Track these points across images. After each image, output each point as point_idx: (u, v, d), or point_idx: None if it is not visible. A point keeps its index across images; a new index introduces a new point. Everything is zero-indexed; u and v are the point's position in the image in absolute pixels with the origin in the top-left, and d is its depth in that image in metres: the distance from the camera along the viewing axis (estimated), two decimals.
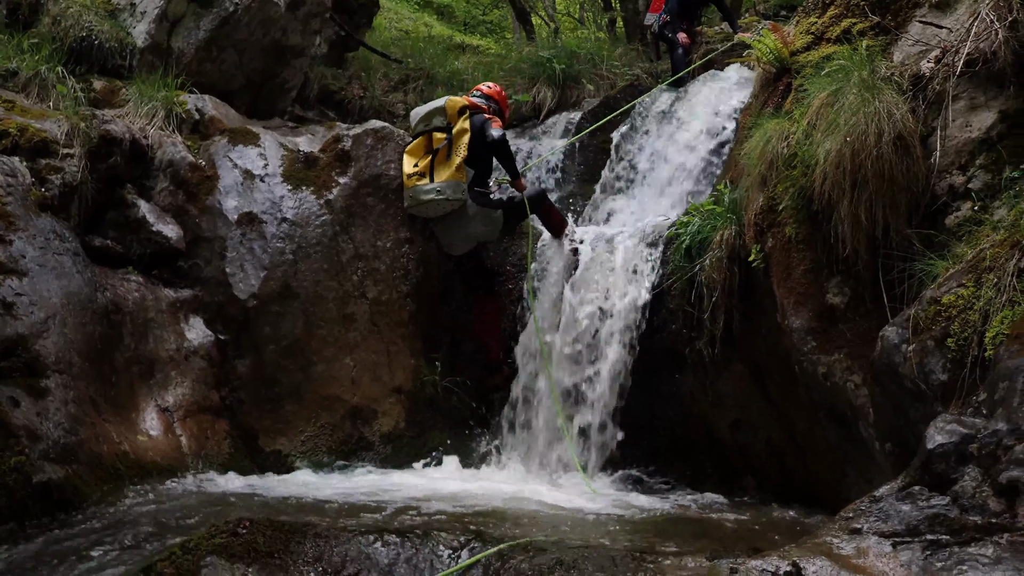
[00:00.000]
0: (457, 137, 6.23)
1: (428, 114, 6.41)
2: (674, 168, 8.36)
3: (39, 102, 6.50)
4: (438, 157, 6.21)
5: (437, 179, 6.18)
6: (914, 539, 2.69)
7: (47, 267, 5.16)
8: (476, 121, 6.32)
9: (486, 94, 6.85)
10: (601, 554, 2.91)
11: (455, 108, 6.33)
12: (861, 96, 4.23)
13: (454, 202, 6.19)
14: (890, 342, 3.59)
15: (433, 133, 6.34)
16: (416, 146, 6.43)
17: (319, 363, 6.41)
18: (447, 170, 6.16)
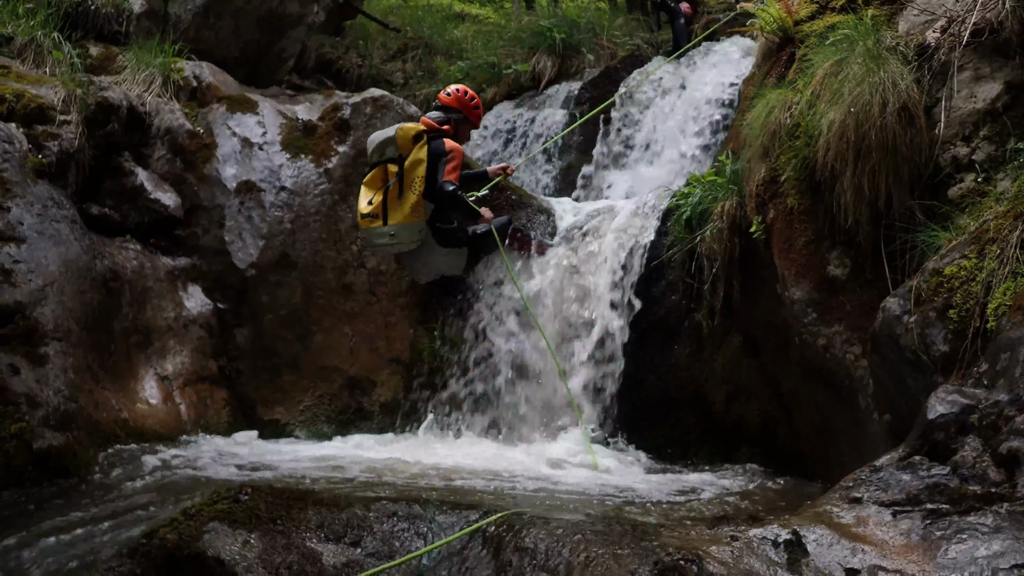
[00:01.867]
0: (410, 171, 5.56)
1: (380, 144, 5.75)
2: (673, 140, 8.34)
3: (35, 68, 6.45)
4: (390, 195, 5.56)
5: (391, 220, 5.53)
6: (914, 508, 2.70)
7: (45, 234, 5.14)
8: (435, 149, 5.65)
9: (445, 104, 6.02)
10: (602, 523, 2.92)
11: (407, 137, 5.65)
12: (866, 66, 4.19)
13: (410, 243, 5.65)
14: (891, 313, 3.58)
15: (387, 165, 5.71)
16: (373, 177, 5.76)
17: (318, 333, 6.42)
18: (400, 211, 5.52)
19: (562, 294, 6.07)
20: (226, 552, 2.80)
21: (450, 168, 5.61)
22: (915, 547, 2.59)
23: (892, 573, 2.49)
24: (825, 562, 2.57)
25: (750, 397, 5.41)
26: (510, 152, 9.34)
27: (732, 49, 8.93)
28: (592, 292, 5.96)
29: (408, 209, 5.51)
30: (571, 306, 5.99)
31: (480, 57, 10.51)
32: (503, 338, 6.13)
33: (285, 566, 2.81)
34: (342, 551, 2.90)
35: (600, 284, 5.93)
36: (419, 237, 5.64)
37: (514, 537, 2.81)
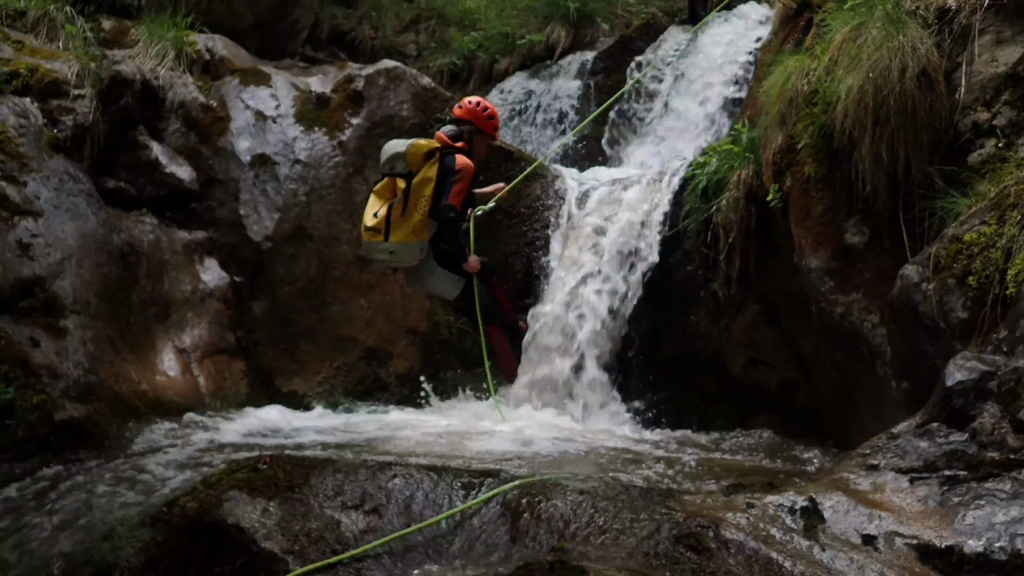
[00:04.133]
0: (417, 189, 5.39)
1: (391, 157, 5.55)
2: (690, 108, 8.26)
3: (48, 43, 6.44)
4: (394, 211, 5.39)
5: (392, 238, 5.38)
6: (931, 475, 2.70)
7: (62, 208, 5.17)
8: (446, 166, 5.47)
9: (457, 117, 5.80)
10: (618, 489, 2.93)
11: (419, 154, 5.46)
12: (885, 30, 4.13)
13: (409, 261, 5.52)
14: (909, 280, 3.56)
15: (396, 179, 5.54)
16: (383, 187, 5.61)
17: (334, 304, 6.44)
18: (403, 229, 5.37)
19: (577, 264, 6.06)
20: (246, 520, 2.84)
21: (455, 190, 5.43)
22: (932, 513, 2.59)
23: (909, 539, 2.49)
24: (841, 528, 2.58)
25: (768, 363, 5.41)
26: (524, 122, 9.28)
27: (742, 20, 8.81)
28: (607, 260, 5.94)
29: (410, 228, 5.38)
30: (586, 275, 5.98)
31: (494, 27, 10.41)
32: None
33: (304, 533, 2.84)
34: (360, 518, 2.93)
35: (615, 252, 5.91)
36: (419, 256, 5.50)
37: (530, 504, 2.83)
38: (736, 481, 3.18)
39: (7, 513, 3.72)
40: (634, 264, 5.88)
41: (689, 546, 2.41)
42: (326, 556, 2.76)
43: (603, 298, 5.87)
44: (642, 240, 5.90)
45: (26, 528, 3.49)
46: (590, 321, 5.86)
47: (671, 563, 2.35)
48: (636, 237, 5.93)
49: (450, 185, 5.41)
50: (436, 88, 7.16)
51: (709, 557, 2.36)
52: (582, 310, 5.90)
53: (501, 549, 2.71)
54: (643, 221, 5.96)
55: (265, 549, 2.75)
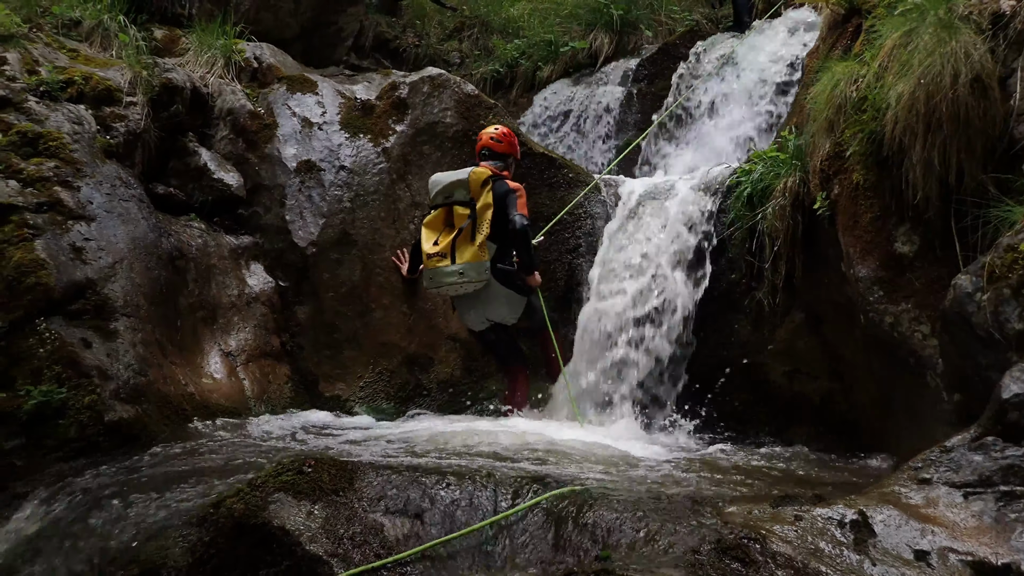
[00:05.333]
0: (481, 213, 5.57)
1: (449, 186, 5.70)
2: (734, 116, 8.20)
3: (102, 51, 6.59)
4: (461, 237, 5.55)
5: (459, 260, 5.51)
6: (987, 490, 2.64)
7: (114, 213, 5.27)
8: (499, 191, 5.63)
9: (500, 152, 5.97)
10: (663, 499, 2.91)
11: (479, 181, 5.63)
12: (937, 36, 4.06)
13: (476, 284, 5.56)
14: (962, 290, 3.49)
15: (454, 207, 5.67)
16: (435, 219, 5.72)
17: (377, 310, 6.49)
18: (469, 250, 5.52)
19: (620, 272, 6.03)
20: (291, 522, 2.86)
21: (521, 204, 5.62)
22: (987, 529, 2.53)
23: (963, 555, 2.44)
24: (893, 543, 2.53)
25: (811, 375, 5.33)
26: (568, 129, 9.27)
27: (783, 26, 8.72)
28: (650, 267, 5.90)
29: (476, 249, 5.52)
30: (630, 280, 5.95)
31: (537, 35, 10.43)
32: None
33: (348, 537, 2.86)
34: (404, 523, 2.94)
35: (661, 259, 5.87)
36: (484, 277, 5.56)
37: (575, 512, 2.82)
38: (783, 492, 3.13)
39: (57, 512, 3.80)
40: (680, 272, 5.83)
41: (735, 558, 2.38)
42: (369, 560, 2.78)
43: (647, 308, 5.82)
44: (687, 248, 5.85)
45: (75, 526, 3.55)
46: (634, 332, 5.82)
47: (717, 574, 2.32)
48: (680, 245, 5.88)
49: (514, 201, 5.59)
50: (479, 95, 7.18)
51: (756, 570, 2.33)
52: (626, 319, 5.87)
53: (544, 557, 2.70)
54: (688, 228, 5.91)
55: (310, 552, 2.77)
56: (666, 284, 5.79)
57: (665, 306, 5.75)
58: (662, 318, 5.74)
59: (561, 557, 2.71)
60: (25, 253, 4.71)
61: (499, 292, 5.65)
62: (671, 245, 5.90)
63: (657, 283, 5.83)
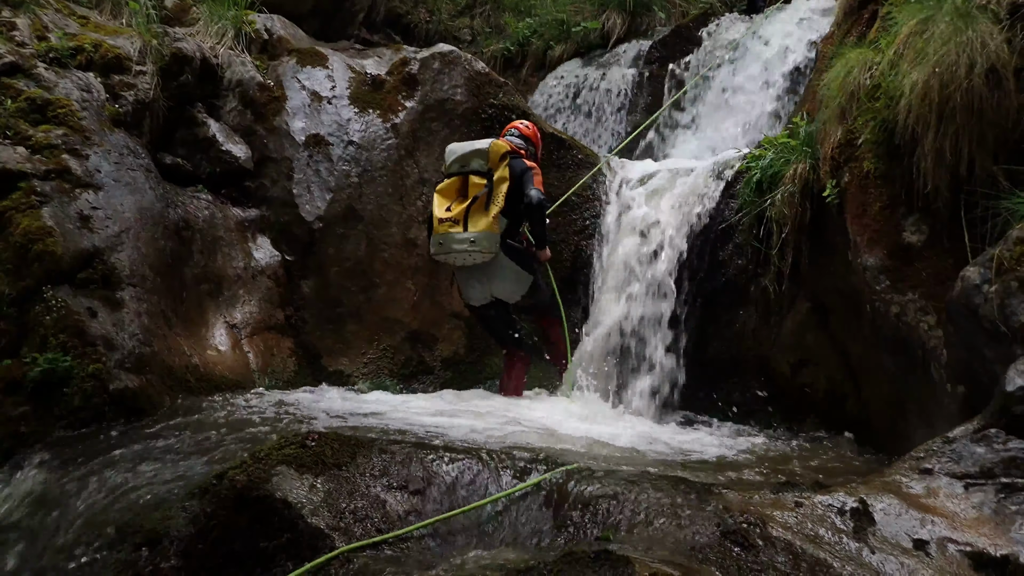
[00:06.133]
0: (497, 185, 5.52)
1: (467, 155, 5.63)
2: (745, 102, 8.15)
3: (112, 19, 6.57)
4: (475, 205, 5.49)
5: (472, 228, 5.43)
6: (988, 481, 2.64)
7: (121, 182, 5.27)
8: (516, 167, 5.58)
9: (524, 134, 6.01)
10: (665, 482, 2.92)
11: (499, 153, 5.56)
12: (953, 25, 4.02)
13: (486, 254, 5.47)
14: (970, 282, 3.48)
15: (470, 176, 5.60)
16: (448, 187, 5.64)
17: (381, 286, 6.49)
18: (483, 219, 5.45)
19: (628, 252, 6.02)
20: (293, 495, 2.88)
21: (537, 181, 5.57)
22: (987, 520, 2.54)
23: (962, 546, 2.45)
24: (892, 532, 2.54)
25: (817, 364, 5.32)
26: (577, 110, 9.23)
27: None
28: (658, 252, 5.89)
29: (491, 218, 5.44)
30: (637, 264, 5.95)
31: (549, 13, 10.37)
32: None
33: (349, 511, 2.88)
34: (406, 499, 2.96)
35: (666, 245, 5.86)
36: (495, 249, 5.48)
37: (576, 492, 2.83)
38: (784, 480, 3.14)
39: (62, 480, 3.82)
40: (684, 257, 5.82)
41: (735, 542, 2.39)
42: (371, 535, 2.79)
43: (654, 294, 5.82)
44: (693, 233, 5.84)
45: (80, 495, 3.58)
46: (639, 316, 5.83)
47: (717, 558, 2.33)
48: (687, 230, 5.87)
49: (530, 178, 5.53)
50: (490, 73, 7.15)
51: (756, 554, 2.34)
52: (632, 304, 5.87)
53: (545, 536, 2.72)
54: (695, 214, 5.90)
55: (311, 525, 2.79)
56: (660, 273, 5.83)
57: (661, 297, 5.85)
58: (657, 308, 5.84)
59: (563, 536, 2.72)
60: (32, 220, 4.72)
61: (507, 267, 5.60)
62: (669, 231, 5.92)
63: (653, 271, 5.89)
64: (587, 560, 2.25)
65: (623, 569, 2.18)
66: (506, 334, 5.87)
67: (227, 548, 2.85)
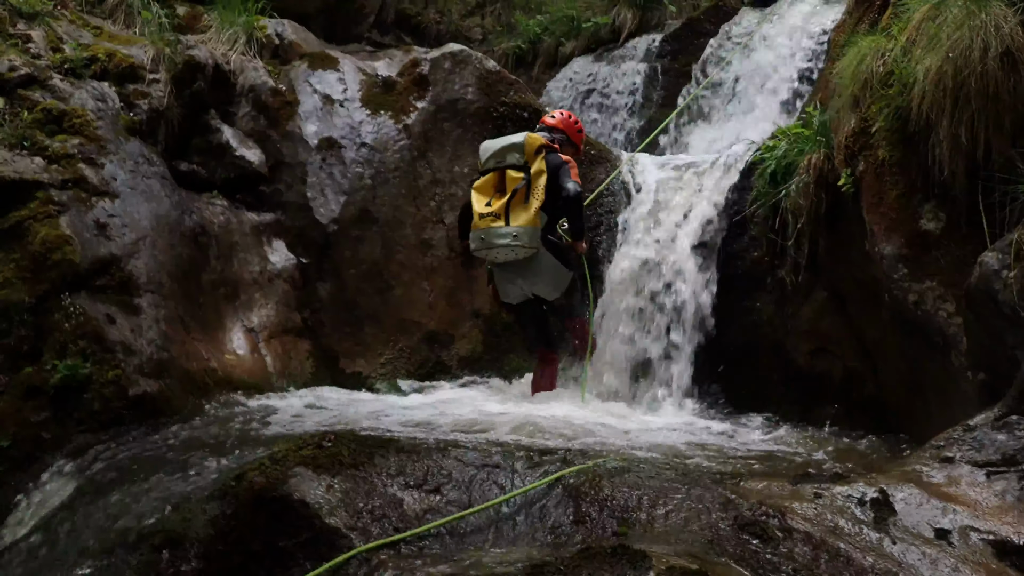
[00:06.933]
0: (535, 178, 5.41)
1: (502, 149, 5.53)
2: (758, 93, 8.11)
3: (125, 28, 6.62)
4: (515, 199, 5.37)
5: (514, 222, 5.33)
6: (1010, 469, 2.61)
7: (137, 190, 5.31)
8: (552, 162, 5.48)
9: (549, 126, 5.90)
10: (682, 475, 2.90)
11: (534, 146, 5.47)
12: (967, 9, 3.98)
13: (528, 250, 5.37)
14: (989, 268, 3.44)
15: (507, 171, 5.49)
16: (485, 183, 5.55)
17: (397, 287, 6.50)
18: (525, 214, 5.34)
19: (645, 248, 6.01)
20: (311, 496, 2.89)
21: (574, 174, 5.48)
22: (1010, 508, 2.51)
23: (985, 534, 2.42)
24: (913, 521, 2.51)
25: (834, 353, 5.29)
26: (589, 106, 9.21)
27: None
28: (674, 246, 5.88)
29: (532, 213, 5.33)
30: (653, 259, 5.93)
31: (559, 10, 10.35)
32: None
33: (367, 510, 2.88)
34: (423, 498, 2.96)
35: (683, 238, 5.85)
36: (536, 245, 5.38)
37: (593, 488, 2.82)
38: (803, 471, 3.12)
39: (83, 484, 3.85)
40: (702, 250, 5.80)
41: (754, 534, 2.37)
42: (388, 534, 2.79)
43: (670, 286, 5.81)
44: (710, 225, 5.81)
45: (100, 497, 3.61)
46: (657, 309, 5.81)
47: (735, 550, 2.32)
48: (703, 223, 5.85)
49: (567, 172, 5.43)
50: (501, 71, 7.15)
51: (775, 546, 2.32)
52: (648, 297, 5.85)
53: (563, 532, 2.71)
54: (711, 206, 5.87)
55: (329, 525, 2.79)
56: (677, 266, 5.87)
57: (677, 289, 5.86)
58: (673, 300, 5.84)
59: (580, 532, 2.71)
60: (50, 229, 4.76)
61: (548, 264, 5.50)
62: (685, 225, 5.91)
63: (669, 265, 5.92)
64: (604, 555, 2.25)
65: (641, 563, 2.17)
66: (542, 332, 5.78)
67: (246, 549, 2.87)
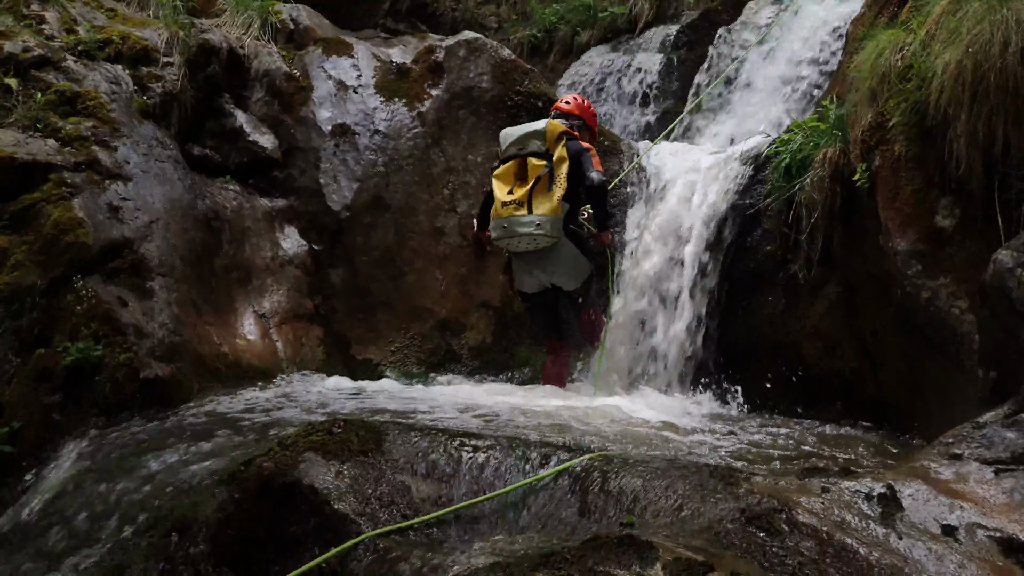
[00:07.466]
0: (557, 165, 5.36)
1: (523, 137, 5.48)
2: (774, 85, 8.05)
3: (139, 11, 6.64)
4: (538, 187, 5.31)
5: (537, 211, 5.28)
6: (1019, 467, 2.60)
7: (150, 173, 5.33)
8: (572, 149, 5.42)
9: (564, 112, 5.84)
10: (689, 468, 2.90)
11: (555, 133, 5.43)
12: (987, 3, 3.93)
13: (551, 239, 5.33)
14: (1003, 265, 3.41)
15: (528, 159, 5.44)
16: (506, 171, 5.50)
17: (409, 274, 6.51)
18: (547, 202, 5.29)
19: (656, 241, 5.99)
20: (320, 481, 2.90)
21: (596, 162, 5.44)
22: (1018, 506, 2.49)
23: (992, 531, 2.40)
24: (921, 517, 2.50)
25: (844, 350, 5.26)
26: (606, 96, 9.17)
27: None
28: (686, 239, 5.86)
29: (555, 201, 5.30)
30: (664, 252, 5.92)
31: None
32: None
33: (376, 497, 2.89)
34: (431, 485, 2.97)
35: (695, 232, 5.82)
36: (557, 235, 5.35)
37: (601, 479, 2.82)
38: (810, 465, 3.11)
39: (94, 466, 3.88)
40: (714, 243, 5.78)
41: (761, 528, 2.37)
42: (396, 520, 2.80)
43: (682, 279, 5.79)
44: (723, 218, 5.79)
45: (110, 481, 3.63)
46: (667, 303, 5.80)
47: (742, 543, 2.31)
48: (716, 215, 5.83)
49: (588, 160, 5.39)
50: (516, 60, 7.13)
51: (781, 539, 2.32)
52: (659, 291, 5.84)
53: (570, 522, 2.71)
54: (724, 198, 5.85)
55: (338, 511, 2.80)
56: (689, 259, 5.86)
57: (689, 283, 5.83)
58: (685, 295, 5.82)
59: (586, 523, 2.71)
60: (63, 212, 4.78)
61: (569, 254, 5.47)
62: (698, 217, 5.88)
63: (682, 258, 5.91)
64: (611, 545, 2.24)
65: (647, 554, 2.17)
66: (554, 323, 5.75)
67: (255, 534, 2.89)
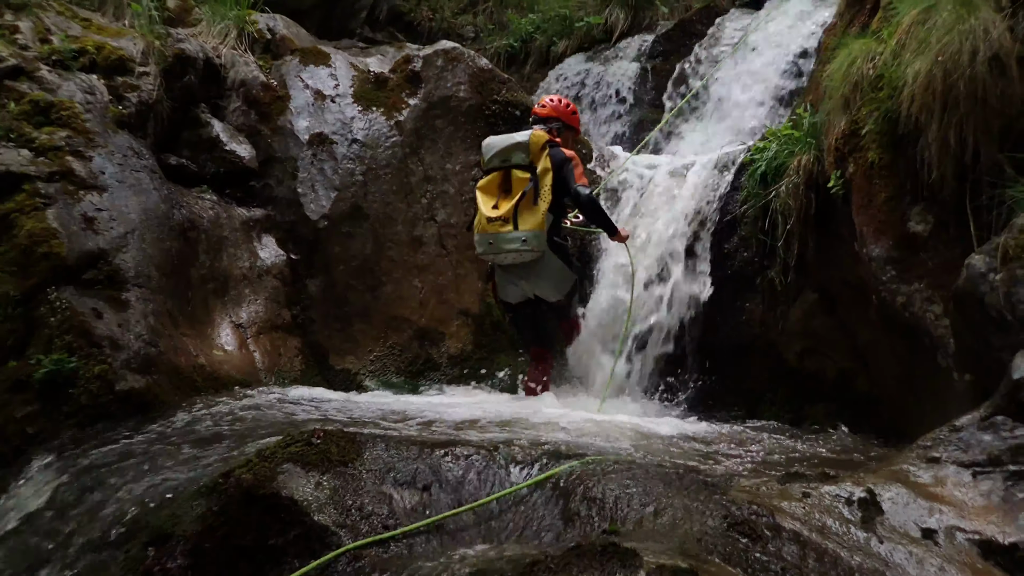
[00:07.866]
0: (542, 177, 5.23)
1: (506, 149, 5.33)
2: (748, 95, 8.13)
3: (115, 20, 6.57)
4: (523, 201, 5.19)
5: (522, 227, 5.17)
6: (995, 469, 2.63)
7: (126, 183, 5.28)
8: (555, 158, 5.30)
9: (543, 116, 5.70)
10: (672, 475, 2.91)
11: (539, 144, 5.28)
12: (956, 13, 4.00)
13: (536, 254, 5.23)
14: (976, 270, 3.46)
15: (512, 171, 5.32)
16: (490, 183, 5.37)
17: (388, 284, 6.50)
18: (532, 218, 5.18)
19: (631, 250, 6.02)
20: (299, 493, 2.87)
21: (579, 173, 5.36)
22: (995, 509, 2.53)
23: (971, 534, 2.43)
24: (900, 521, 2.53)
25: (825, 352, 5.32)
26: (581, 105, 9.21)
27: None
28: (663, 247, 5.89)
29: (540, 217, 5.19)
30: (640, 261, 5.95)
31: (552, 9, 10.36)
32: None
33: (356, 508, 2.87)
34: (412, 495, 2.95)
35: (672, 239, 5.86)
36: (544, 247, 5.25)
37: (583, 486, 2.83)
38: (792, 470, 3.13)
39: (70, 479, 3.83)
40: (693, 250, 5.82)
41: (743, 533, 2.38)
42: (377, 531, 2.78)
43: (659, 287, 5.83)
44: (700, 226, 5.83)
45: (86, 493, 3.59)
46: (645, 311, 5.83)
47: (725, 549, 2.33)
48: (694, 223, 5.87)
49: (571, 171, 5.31)
50: (493, 70, 7.16)
51: (763, 544, 2.33)
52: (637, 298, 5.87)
53: (553, 531, 2.71)
54: (700, 207, 5.89)
55: (318, 522, 2.78)
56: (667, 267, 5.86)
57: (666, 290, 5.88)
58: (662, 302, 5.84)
59: (570, 531, 2.71)
60: (37, 222, 4.73)
61: (553, 266, 5.39)
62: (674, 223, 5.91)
63: (658, 266, 5.89)
64: (594, 553, 2.25)
65: (630, 562, 2.18)
66: (538, 333, 5.73)
67: (234, 546, 2.85)
